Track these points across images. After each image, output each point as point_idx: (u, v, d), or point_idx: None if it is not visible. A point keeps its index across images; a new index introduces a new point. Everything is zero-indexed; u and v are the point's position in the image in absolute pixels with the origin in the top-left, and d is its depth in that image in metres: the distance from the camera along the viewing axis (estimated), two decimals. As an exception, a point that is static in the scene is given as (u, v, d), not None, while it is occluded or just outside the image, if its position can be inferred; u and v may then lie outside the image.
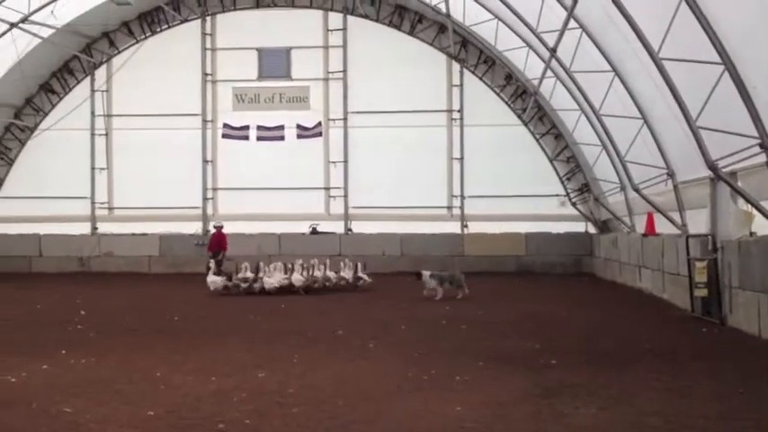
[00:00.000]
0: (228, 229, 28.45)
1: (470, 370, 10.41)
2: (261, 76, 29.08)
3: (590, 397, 8.94)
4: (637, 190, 19.77)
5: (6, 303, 18.99)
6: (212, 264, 22.14)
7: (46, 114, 29.22)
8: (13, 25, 24.10)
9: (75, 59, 29.07)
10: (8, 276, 26.14)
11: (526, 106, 27.34)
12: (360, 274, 21.70)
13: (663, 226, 19.54)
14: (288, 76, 29.07)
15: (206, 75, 29.16)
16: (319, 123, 28.89)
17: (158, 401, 8.69)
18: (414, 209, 28.06)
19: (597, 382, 9.68)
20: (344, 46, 28.82)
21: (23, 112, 29.18)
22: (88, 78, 29.37)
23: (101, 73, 29.39)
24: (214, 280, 20.76)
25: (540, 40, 19.44)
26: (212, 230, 25.49)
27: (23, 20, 24.27)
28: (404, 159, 28.23)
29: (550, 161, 28.08)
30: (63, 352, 11.75)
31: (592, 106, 20.14)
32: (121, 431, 7.57)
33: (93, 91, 29.32)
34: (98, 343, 12.76)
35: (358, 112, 28.66)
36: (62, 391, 9.14)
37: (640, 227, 21.82)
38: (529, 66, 24.16)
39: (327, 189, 28.92)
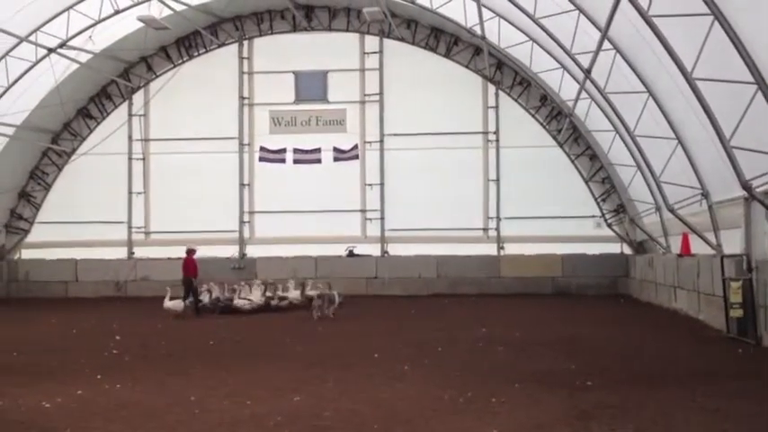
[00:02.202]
0: (265, 252, 28.77)
1: (507, 392, 10.25)
2: (297, 100, 29.26)
3: (626, 418, 8.77)
4: (672, 210, 19.50)
5: (43, 328, 19.16)
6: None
7: (83, 139, 29.61)
8: (51, 50, 24.53)
9: (112, 84, 29.50)
10: (45, 301, 26.43)
11: (561, 127, 27.17)
12: (310, 292, 22.35)
13: (698, 246, 19.30)
14: (324, 99, 29.21)
15: (243, 98, 29.41)
16: (356, 146, 28.95)
17: (193, 426, 8.64)
18: (450, 231, 27.94)
19: (633, 404, 9.51)
20: (381, 69, 28.91)
21: (61, 137, 29.61)
22: (126, 103, 29.76)
23: (138, 97, 29.78)
24: (173, 305, 21.31)
25: (575, 61, 19.33)
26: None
27: (61, 45, 24.70)
28: (440, 181, 28.15)
29: (586, 182, 27.80)
30: (98, 377, 11.77)
31: (626, 127, 19.95)
32: (156, 455, 7.51)
33: (130, 115, 29.69)
34: (133, 368, 12.78)
35: (394, 135, 28.67)
36: (97, 417, 9.12)
37: (676, 247, 21.53)
38: (564, 87, 24.03)
39: (364, 211, 28.89)
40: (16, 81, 24.58)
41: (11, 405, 9.73)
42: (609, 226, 27.54)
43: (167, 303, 21.38)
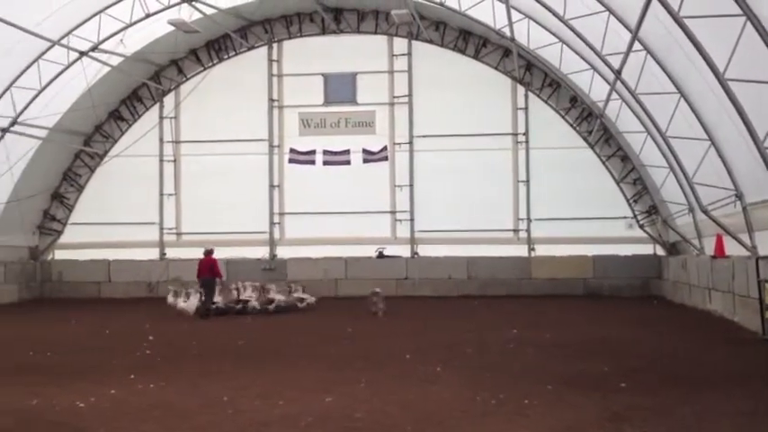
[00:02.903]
0: (295, 253, 28.86)
1: (539, 394, 10.18)
2: (327, 102, 29.34)
3: (660, 421, 8.68)
4: (705, 212, 19.26)
5: (76, 329, 19.37)
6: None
7: (115, 141, 29.91)
8: (83, 54, 24.81)
9: (143, 87, 29.79)
10: (78, 302, 26.73)
11: (592, 129, 26.98)
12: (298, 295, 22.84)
13: (732, 248, 19.03)
14: (353, 101, 29.26)
15: (272, 100, 29.55)
16: (385, 147, 28.96)
17: (225, 427, 8.67)
18: (480, 232, 27.83)
19: (667, 406, 9.40)
20: (409, 70, 28.89)
21: (93, 140, 29.93)
22: (157, 105, 30.03)
23: (169, 100, 30.03)
24: (186, 306, 21.60)
25: (605, 62, 19.19)
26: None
27: (93, 48, 24.98)
28: (469, 182, 28.07)
29: (617, 183, 27.56)
30: (131, 377, 11.87)
31: (658, 128, 19.76)
32: (189, 455, 7.54)
33: (161, 118, 29.96)
34: (166, 368, 12.86)
35: (423, 136, 28.64)
36: (130, 417, 9.19)
37: (709, 249, 21.26)
38: (594, 88, 23.87)
39: (393, 213, 28.88)
40: (49, 84, 24.91)
41: (45, 405, 9.84)
42: (641, 227, 27.28)
43: (181, 305, 21.61)
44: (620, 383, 10.80)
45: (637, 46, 16.88)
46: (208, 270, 21.62)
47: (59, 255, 30.01)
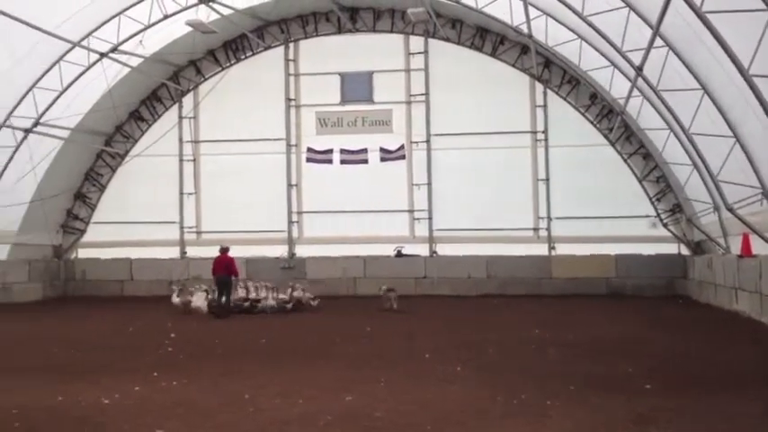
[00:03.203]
0: (314, 252, 28.90)
1: (561, 395, 10.12)
2: (344, 101, 29.36)
3: (685, 423, 8.59)
4: (731, 210, 19.00)
5: (100, 326, 19.52)
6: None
7: (135, 141, 30.11)
8: (103, 55, 24.98)
9: (163, 87, 29.95)
10: (101, 300, 26.95)
11: (613, 126, 26.77)
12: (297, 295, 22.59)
13: (759, 247, 18.78)
14: (370, 100, 29.26)
15: (290, 100, 29.61)
16: (402, 146, 28.94)
17: (246, 424, 8.70)
18: (499, 231, 27.71)
19: (693, 408, 9.30)
20: (426, 69, 28.85)
21: (114, 140, 30.15)
22: (176, 106, 30.19)
23: (188, 100, 30.19)
24: (201, 305, 21.61)
25: (626, 58, 19.02)
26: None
27: (113, 50, 25.15)
28: (488, 181, 27.99)
29: (640, 181, 27.33)
30: (154, 374, 11.94)
31: (681, 125, 19.55)
32: (212, 453, 7.58)
33: (180, 118, 30.11)
34: (188, 365, 12.93)
35: (441, 135, 28.59)
36: (153, 414, 9.25)
37: (735, 248, 21.02)
38: (614, 85, 23.67)
39: (411, 212, 28.86)
40: (70, 85, 25.11)
41: (71, 401, 9.92)
42: (665, 226, 27.03)
43: (195, 303, 21.60)
44: (645, 385, 10.71)
45: (658, 42, 16.70)
46: (224, 268, 21.39)
47: (82, 253, 30.29)
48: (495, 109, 28.13)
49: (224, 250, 21.95)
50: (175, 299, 22.31)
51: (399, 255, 28.47)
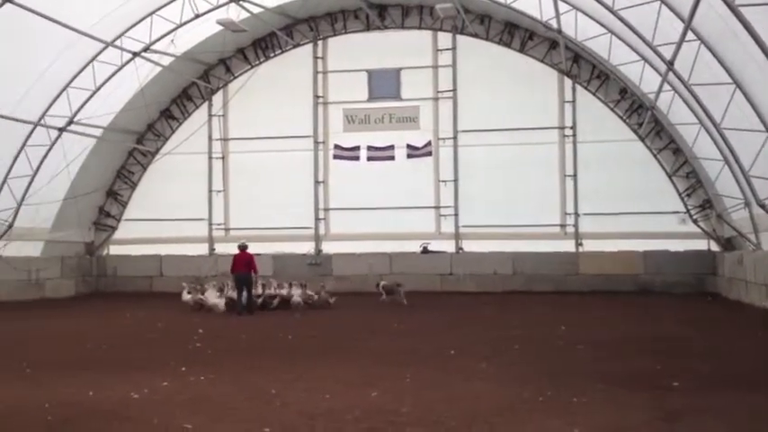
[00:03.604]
0: (340, 248, 29.01)
1: (588, 392, 10.08)
2: (371, 97, 29.42)
3: (715, 421, 8.50)
4: (762, 206, 18.79)
5: (130, 322, 19.78)
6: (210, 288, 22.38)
7: (166, 139, 30.43)
8: (135, 54, 25.28)
9: (193, 86, 30.22)
10: (132, 296, 27.28)
11: (642, 121, 26.54)
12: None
13: (792, 243, 18.55)
14: (398, 97, 29.29)
15: (317, 97, 29.73)
16: (429, 143, 28.94)
17: (274, 419, 8.79)
18: (526, 227, 27.61)
19: (722, 406, 9.20)
20: (454, 65, 28.81)
21: (145, 138, 30.51)
22: (206, 104, 30.45)
23: (217, 98, 30.44)
24: (218, 302, 21.46)
25: (657, 53, 18.87)
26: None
27: (145, 49, 25.45)
28: (515, 177, 27.89)
29: (669, 177, 27.08)
30: (183, 369, 12.08)
31: (712, 119, 19.36)
32: (239, 447, 7.67)
33: (210, 116, 30.37)
34: (215, 361, 13.06)
35: (468, 131, 28.54)
36: (182, 408, 9.37)
37: (767, 244, 20.75)
38: (645, 80, 23.48)
39: (438, 208, 28.86)
40: (103, 84, 25.41)
41: (101, 396, 10.08)
42: (694, 222, 26.77)
43: (212, 300, 21.46)
44: (674, 382, 10.61)
45: (690, 36, 16.55)
46: (245, 265, 21.18)
47: (114, 250, 30.72)
48: (522, 105, 28.02)
49: (243, 247, 21.77)
50: (186, 296, 22.22)
51: (425, 251, 28.49)
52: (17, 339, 16.37)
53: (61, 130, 25.35)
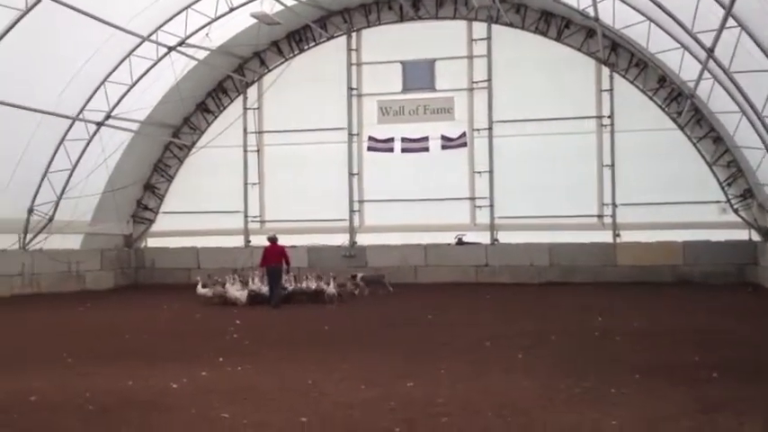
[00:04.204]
0: (375, 240, 29.02)
1: (626, 383, 9.98)
2: (405, 89, 29.35)
3: (755, 412, 8.37)
4: (805, 195, 18.46)
5: (168, 313, 20.00)
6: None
7: (202, 133, 30.66)
8: (171, 49, 25.51)
9: (228, 79, 30.40)
10: (169, 287, 27.57)
11: (682, 109, 26.13)
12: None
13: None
14: (432, 88, 29.18)
15: (351, 89, 29.74)
16: (464, 134, 28.80)
17: (310, 408, 8.83)
18: (562, 218, 27.37)
19: (762, 397, 9.07)
20: (489, 55, 28.61)
21: (181, 131, 30.76)
22: (241, 97, 30.61)
23: (252, 91, 30.57)
24: (240, 295, 20.98)
25: (696, 40, 18.56)
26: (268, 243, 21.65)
27: (180, 43, 25.68)
28: (551, 167, 27.64)
29: (709, 166, 26.65)
30: (220, 359, 12.19)
31: (753, 108, 19.01)
32: (276, 437, 7.72)
33: (245, 109, 30.53)
34: (252, 351, 13.17)
35: (503, 121, 28.35)
36: (220, 398, 9.45)
37: (810, 234, 20.36)
38: (684, 67, 23.12)
39: (473, 199, 28.73)
40: (139, 79, 25.71)
41: (141, 386, 10.21)
42: (735, 212, 26.32)
43: (234, 293, 20.98)
44: (713, 373, 10.47)
45: (730, 22, 16.25)
46: (277, 257, 20.77)
47: (152, 242, 31.08)
48: (559, 94, 27.76)
49: (273, 240, 21.42)
50: (201, 289, 21.61)
51: (460, 243, 28.39)
52: (58, 330, 16.65)
53: (99, 124, 25.69)
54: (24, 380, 10.65)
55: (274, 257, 20.88)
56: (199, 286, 21.88)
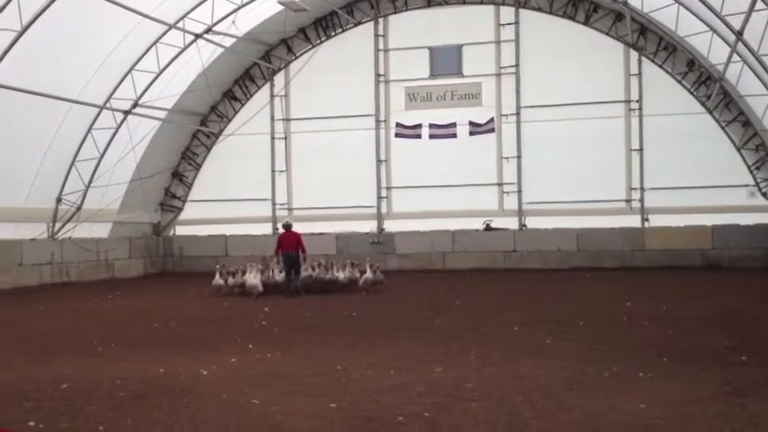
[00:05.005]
0: (403, 227, 29.03)
1: (654, 367, 9.93)
2: (432, 75, 29.27)
3: (786, 397, 8.29)
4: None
5: (197, 301, 20.17)
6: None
7: (229, 120, 30.81)
8: (198, 36, 25.62)
9: (255, 66, 30.49)
10: (198, 275, 27.75)
11: (710, 93, 25.86)
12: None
13: None
14: (459, 73, 29.08)
15: (379, 75, 29.71)
16: (492, 119, 28.69)
17: (340, 394, 8.88)
18: (590, 203, 27.26)
19: (794, 382, 8.97)
20: (517, 40, 28.44)
21: (209, 119, 30.93)
22: (268, 84, 30.71)
23: (279, 78, 30.65)
24: (256, 283, 19.86)
25: (725, 23, 18.35)
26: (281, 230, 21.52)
27: (207, 31, 25.77)
28: (579, 152, 27.50)
29: (738, 150, 26.37)
30: (249, 346, 12.28)
31: (784, 90, 18.77)
32: (306, 422, 7.75)
33: (272, 96, 30.62)
34: (281, 338, 13.24)
35: (531, 107, 28.20)
36: (249, 384, 9.52)
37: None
38: (713, 51, 22.89)
39: (500, 185, 28.65)
40: (166, 67, 25.86)
41: (171, 372, 10.32)
42: (764, 195, 26.07)
43: (251, 281, 19.91)
44: (742, 357, 10.40)
45: (760, 5, 16.04)
46: (294, 245, 20.26)
47: (180, 230, 31.35)
48: (587, 79, 27.59)
49: (288, 226, 20.89)
50: (219, 280, 20.68)
51: (488, 228, 28.35)
52: (88, 319, 16.85)
53: (126, 112, 25.87)
54: (55, 368, 10.79)
55: (291, 245, 20.38)
56: (217, 277, 20.86)
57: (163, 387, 9.42)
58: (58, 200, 25.52)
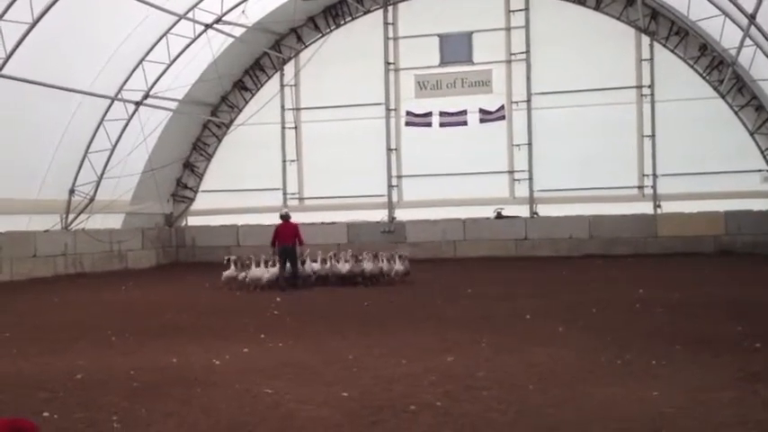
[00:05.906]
0: (414, 215, 29.01)
1: (667, 354, 9.91)
2: (442, 62, 29.18)
3: (801, 384, 8.25)
4: None
5: (209, 291, 20.24)
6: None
7: (240, 110, 30.84)
8: (208, 26, 25.62)
9: (265, 56, 30.47)
10: (210, 265, 27.81)
11: (723, 78, 25.65)
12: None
13: None
14: (469, 61, 28.97)
15: (388, 64, 29.64)
16: (502, 106, 28.58)
17: (352, 383, 8.91)
18: (602, 190, 27.13)
19: (809, 369, 8.93)
20: (527, 26, 28.29)
21: (219, 110, 30.97)
22: (278, 74, 30.69)
23: (289, 68, 30.63)
24: (260, 273, 19.17)
25: (738, 6, 18.23)
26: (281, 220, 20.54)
27: (217, 21, 25.77)
28: (591, 139, 27.37)
29: (751, 134, 26.18)
30: (262, 336, 12.32)
31: (798, 74, 18.60)
32: (319, 411, 7.79)
33: (282, 86, 30.61)
34: (293, 328, 13.28)
35: (542, 93, 28.07)
36: (262, 373, 9.56)
37: None
38: (725, 35, 22.68)
39: (511, 172, 28.57)
40: (177, 57, 25.88)
41: (184, 362, 10.38)
42: (777, 180, 25.90)
43: (256, 272, 19.27)
44: (756, 344, 10.36)
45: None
46: (291, 237, 19.44)
47: (192, 221, 31.45)
48: (598, 64, 27.44)
49: (286, 217, 20.13)
50: (232, 272, 19.76)
51: (499, 216, 28.29)
52: (101, 309, 16.95)
53: (138, 103, 25.93)
54: (69, 358, 10.87)
55: (288, 236, 19.58)
56: (231, 269, 19.95)
57: (176, 377, 9.47)
58: (71, 191, 25.63)
